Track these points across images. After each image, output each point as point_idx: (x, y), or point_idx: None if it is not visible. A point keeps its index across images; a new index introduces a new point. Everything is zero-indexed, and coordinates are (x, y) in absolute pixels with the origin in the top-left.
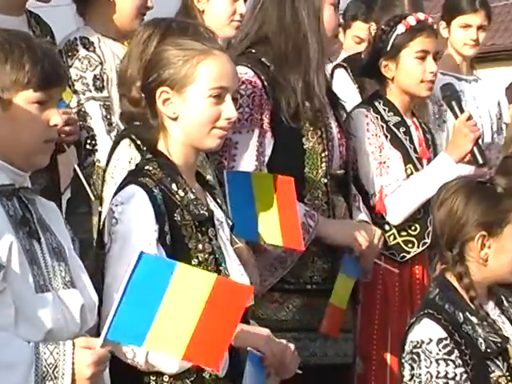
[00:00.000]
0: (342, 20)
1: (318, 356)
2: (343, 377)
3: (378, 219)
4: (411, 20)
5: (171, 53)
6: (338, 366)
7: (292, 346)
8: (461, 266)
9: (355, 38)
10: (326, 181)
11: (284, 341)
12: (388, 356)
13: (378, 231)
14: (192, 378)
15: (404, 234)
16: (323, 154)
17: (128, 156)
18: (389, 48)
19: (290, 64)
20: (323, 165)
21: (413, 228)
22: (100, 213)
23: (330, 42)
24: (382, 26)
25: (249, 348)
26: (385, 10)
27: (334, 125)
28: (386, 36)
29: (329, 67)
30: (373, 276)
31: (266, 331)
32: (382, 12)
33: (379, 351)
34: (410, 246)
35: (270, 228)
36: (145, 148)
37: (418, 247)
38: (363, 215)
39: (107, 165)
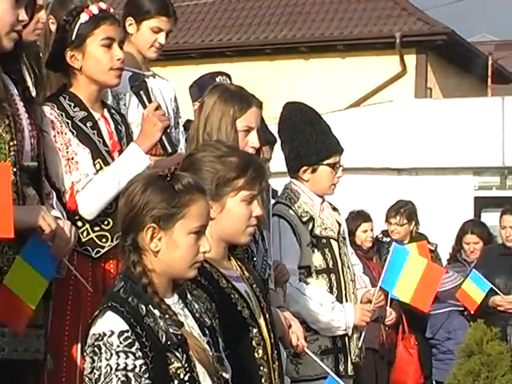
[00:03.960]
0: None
1: (7, 351)
2: (33, 373)
3: (71, 216)
4: (93, 9)
5: None
6: (29, 362)
7: None
8: (134, 255)
9: None
10: (15, 170)
11: None
12: (79, 353)
13: (68, 223)
14: None
15: (97, 229)
16: (11, 143)
17: None
18: (74, 38)
19: None
20: (12, 154)
21: (106, 223)
22: None
23: (5, 38)
24: (65, 17)
25: None
26: (61, 3)
27: (24, 116)
28: (70, 26)
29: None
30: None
31: None
32: (58, 6)
33: (70, 348)
34: (103, 240)
35: None
36: None
37: (112, 241)
38: (56, 212)
39: None
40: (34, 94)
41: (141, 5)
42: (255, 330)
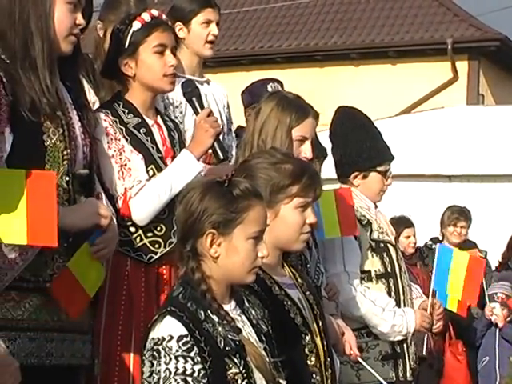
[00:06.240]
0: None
1: (55, 356)
2: (80, 378)
3: (124, 221)
4: (146, 16)
5: None
6: (75, 366)
7: (17, 363)
8: (193, 261)
9: None
10: (67, 179)
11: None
12: (131, 357)
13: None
14: None
15: (150, 234)
16: (65, 152)
17: None
18: (127, 46)
19: (21, 60)
20: (65, 162)
21: (158, 228)
22: None
23: (64, 42)
24: (117, 25)
25: None
26: (109, 7)
27: (77, 125)
28: (123, 34)
29: None
30: (118, 276)
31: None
32: (106, 10)
33: (123, 352)
34: (156, 246)
35: (14, 226)
36: None
37: (165, 247)
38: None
39: None
40: (91, 101)
41: (183, 7)
42: (308, 338)
